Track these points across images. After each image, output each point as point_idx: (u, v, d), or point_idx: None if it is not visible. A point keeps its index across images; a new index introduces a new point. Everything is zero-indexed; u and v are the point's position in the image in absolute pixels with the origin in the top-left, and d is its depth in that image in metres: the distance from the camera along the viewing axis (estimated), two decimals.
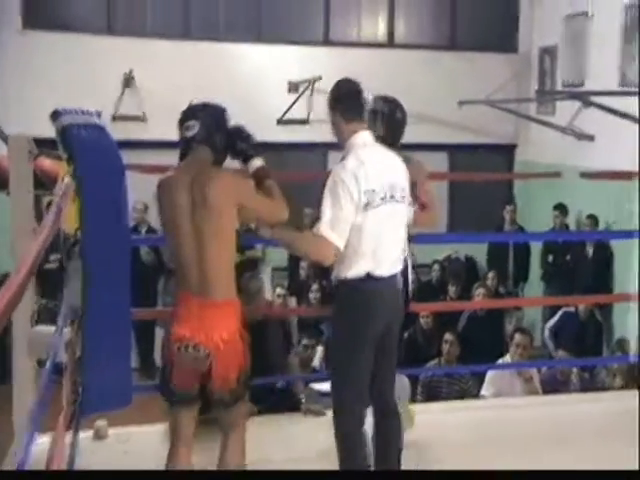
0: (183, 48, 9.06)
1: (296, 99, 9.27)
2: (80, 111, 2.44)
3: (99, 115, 2.54)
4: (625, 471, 2.88)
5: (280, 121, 9.33)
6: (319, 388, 5.53)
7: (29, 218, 3.37)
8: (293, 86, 9.32)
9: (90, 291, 2.23)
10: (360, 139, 3.11)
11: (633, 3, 7.91)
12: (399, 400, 3.72)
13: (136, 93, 8.72)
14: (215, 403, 3.00)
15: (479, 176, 9.09)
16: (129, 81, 8.67)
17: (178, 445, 3.02)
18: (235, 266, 3.04)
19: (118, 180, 2.33)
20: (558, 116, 9.22)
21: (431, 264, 9.07)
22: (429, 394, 5.53)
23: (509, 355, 5.85)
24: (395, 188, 3.09)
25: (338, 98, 3.15)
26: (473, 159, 9.79)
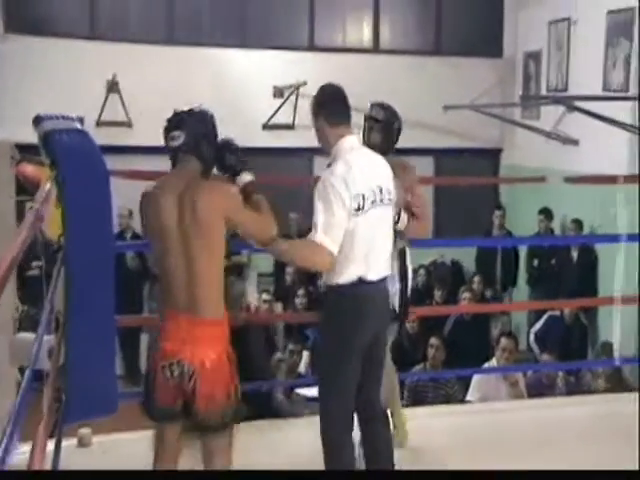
0: (167, 53, 9.04)
1: (281, 104, 9.27)
2: (62, 116, 2.42)
3: (81, 121, 2.53)
4: (625, 471, 2.88)
5: (265, 126, 9.33)
6: (305, 393, 5.53)
7: (11, 223, 3.35)
8: (278, 91, 9.32)
9: (73, 297, 2.20)
10: (347, 143, 3.09)
11: (616, 9, 7.96)
12: (392, 413, 3.73)
13: (120, 98, 8.68)
14: (201, 426, 2.89)
15: (464, 180, 9.10)
16: (113, 86, 8.64)
17: (163, 457, 2.97)
18: None
19: (101, 186, 2.30)
20: (543, 121, 9.27)
21: (417, 269, 9.07)
22: (415, 399, 5.52)
23: (495, 359, 5.87)
24: (383, 191, 3.10)
25: (322, 103, 3.13)
26: (459, 163, 9.82)
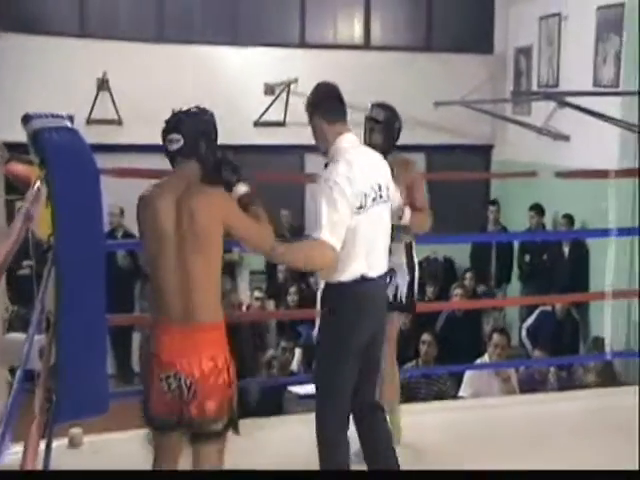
0: (158, 51, 9.00)
1: (272, 101, 9.25)
2: (52, 115, 2.41)
3: (71, 119, 2.52)
4: (625, 471, 2.90)
5: (257, 123, 9.31)
6: (298, 391, 5.53)
7: (1, 223, 3.33)
8: (269, 88, 9.30)
9: (64, 297, 2.20)
10: (346, 142, 3.09)
11: (606, 4, 7.97)
12: (391, 410, 3.74)
13: (110, 96, 8.65)
14: (195, 433, 2.82)
15: (455, 175, 9.09)
16: (103, 84, 8.61)
17: (161, 465, 2.91)
18: None
19: (91, 184, 2.29)
20: (534, 116, 9.28)
21: None
22: (407, 395, 5.52)
23: (487, 355, 5.88)
24: (382, 188, 3.11)
25: (318, 101, 3.13)
26: (450, 159, 9.82)
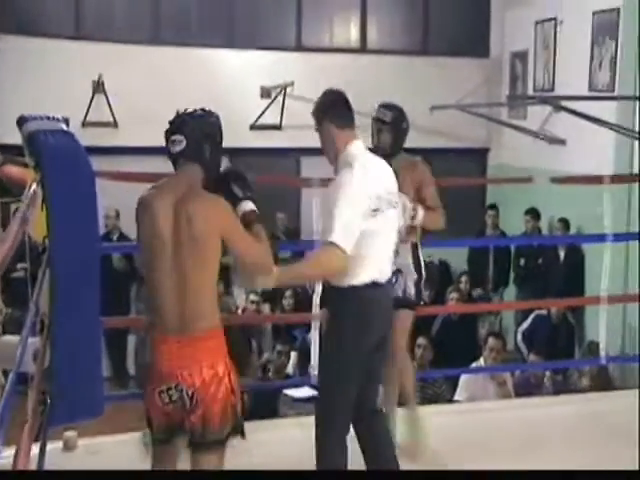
0: (154, 53, 8.99)
1: (269, 104, 9.25)
2: (47, 117, 2.41)
3: (66, 121, 2.51)
4: (625, 471, 2.90)
5: (253, 127, 9.31)
6: (293, 394, 5.53)
7: None
8: (265, 91, 9.30)
9: (59, 299, 2.20)
10: (356, 148, 3.11)
11: (601, 9, 7.99)
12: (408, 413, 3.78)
13: (106, 99, 8.63)
14: (196, 443, 2.76)
15: (451, 181, 9.07)
16: (99, 86, 8.59)
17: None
18: None
19: (86, 187, 2.29)
20: (530, 120, 9.28)
21: None
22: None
23: (482, 359, 5.88)
24: (391, 194, 3.13)
25: (329, 106, 3.13)
26: (446, 164, 9.81)
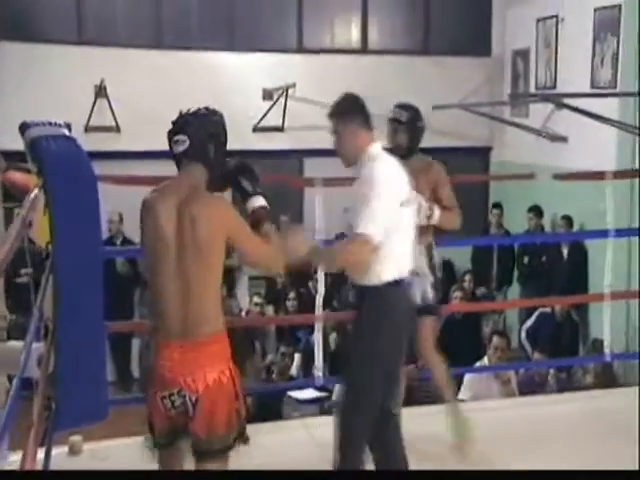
0: (156, 57, 9.01)
1: (271, 106, 9.27)
2: (49, 123, 2.42)
3: (69, 127, 2.52)
4: (625, 471, 2.91)
5: (255, 129, 9.32)
6: (297, 396, 5.54)
7: (0, 231, 3.34)
8: (267, 93, 9.31)
9: (62, 304, 2.20)
10: (377, 149, 3.14)
11: (603, 6, 7.99)
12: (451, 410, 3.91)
13: (108, 103, 8.65)
14: (200, 450, 2.70)
15: (453, 179, 9.09)
16: (101, 91, 8.62)
17: None
18: None
19: (89, 192, 2.29)
20: (532, 118, 9.29)
21: None
22: (406, 399, 5.53)
23: (487, 358, 5.88)
24: (409, 193, 3.17)
25: (353, 109, 3.15)
26: (449, 162, 9.80)
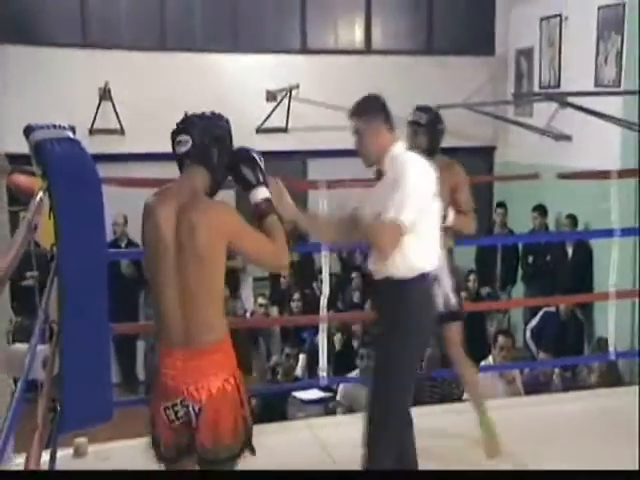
0: (159, 59, 9.03)
1: (274, 108, 9.28)
2: (53, 126, 2.43)
3: (73, 129, 2.53)
4: (625, 471, 2.91)
5: (259, 130, 9.33)
6: (302, 397, 5.53)
7: (6, 234, 3.36)
8: (271, 95, 9.33)
9: (67, 307, 2.21)
10: (401, 148, 3.13)
11: (606, 4, 7.99)
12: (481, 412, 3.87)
13: (113, 106, 8.67)
14: (207, 460, 2.63)
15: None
16: (105, 94, 8.64)
17: None
18: None
19: (93, 194, 2.30)
20: (536, 117, 9.27)
21: None
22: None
23: (492, 357, 5.88)
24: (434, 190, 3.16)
25: (380, 109, 3.14)
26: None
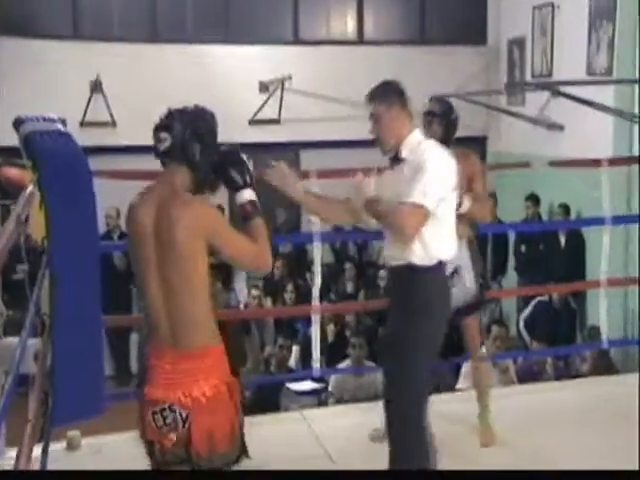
0: (151, 51, 9.01)
1: (267, 99, 9.27)
2: (43, 118, 2.42)
3: (63, 122, 2.52)
4: (625, 471, 2.92)
5: (251, 121, 9.32)
6: (296, 388, 5.54)
7: None
8: (264, 86, 9.31)
9: (58, 300, 2.21)
10: (420, 134, 3.11)
11: None
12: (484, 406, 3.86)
13: (104, 98, 8.65)
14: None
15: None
16: (97, 86, 8.62)
17: None
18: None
19: (84, 186, 2.30)
20: (528, 107, 9.28)
21: None
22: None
23: (485, 347, 5.89)
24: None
25: (398, 93, 3.12)
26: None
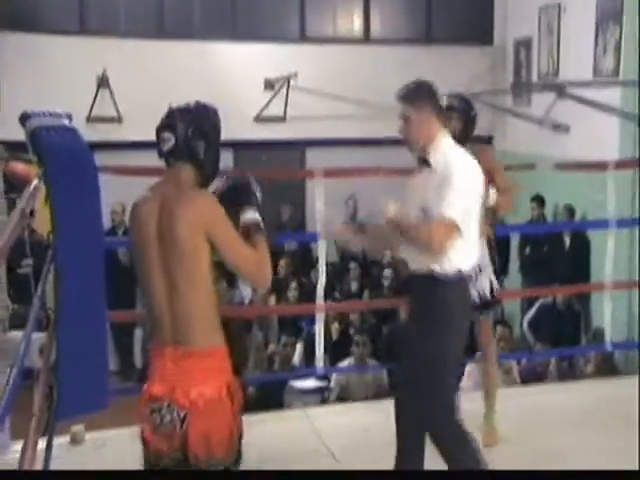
0: (157, 47, 9.02)
1: (272, 96, 9.26)
2: (49, 113, 2.42)
3: (69, 117, 2.52)
4: (625, 471, 2.92)
5: (257, 119, 9.32)
6: (299, 386, 5.54)
7: (3, 222, 3.34)
8: (269, 83, 9.31)
9: (63, 294, 2.21)
10: (449, 139, 3.07)
11: None
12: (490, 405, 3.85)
13: (110, 94, 8.66)
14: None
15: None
16: (103, 82, 8.62)
17: None
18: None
19: (89, 182, 2.30)
20: (534, 107, 9.26)
21: None
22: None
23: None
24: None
25: (431, 95, 3.07)
26: None
